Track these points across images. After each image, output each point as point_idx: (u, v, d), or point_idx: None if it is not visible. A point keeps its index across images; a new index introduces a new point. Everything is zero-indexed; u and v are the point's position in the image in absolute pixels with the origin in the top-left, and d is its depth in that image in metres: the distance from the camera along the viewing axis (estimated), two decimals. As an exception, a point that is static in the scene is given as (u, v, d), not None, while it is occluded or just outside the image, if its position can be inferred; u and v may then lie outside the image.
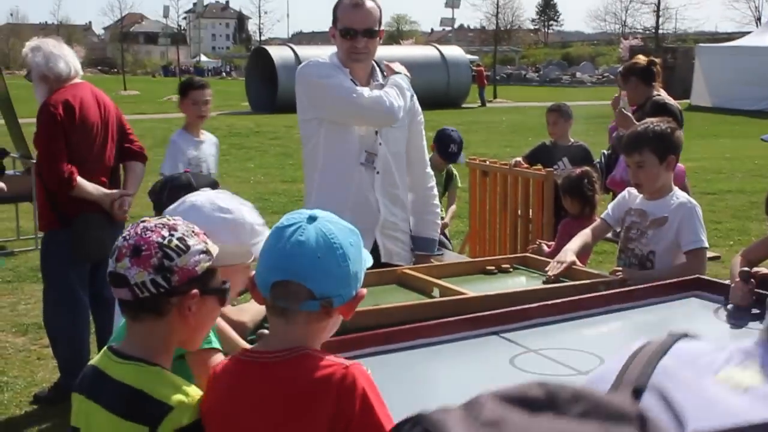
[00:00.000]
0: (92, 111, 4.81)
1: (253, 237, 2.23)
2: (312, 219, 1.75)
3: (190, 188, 2.68)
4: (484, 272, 3.63)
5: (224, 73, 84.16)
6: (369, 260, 1.87)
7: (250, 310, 2.56)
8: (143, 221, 1.83)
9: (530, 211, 6.25)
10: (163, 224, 1.81)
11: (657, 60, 6.00)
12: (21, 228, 9.10)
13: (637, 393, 1.08)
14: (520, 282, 3.53)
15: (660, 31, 47.53)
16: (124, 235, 1.82)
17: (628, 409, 0.88)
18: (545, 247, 4.54)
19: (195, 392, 1.78)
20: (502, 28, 48.90)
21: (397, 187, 3.86)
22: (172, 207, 2.30)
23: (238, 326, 2.40)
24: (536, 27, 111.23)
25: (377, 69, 3.86)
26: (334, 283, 1.72)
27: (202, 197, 2.29)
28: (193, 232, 1.83)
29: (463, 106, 31.90)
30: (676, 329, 1.21)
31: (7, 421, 4.71)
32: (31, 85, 4.97)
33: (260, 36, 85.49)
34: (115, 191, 4.88)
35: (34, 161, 8.68)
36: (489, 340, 2.68)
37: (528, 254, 4.00)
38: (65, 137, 4.65)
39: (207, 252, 1.83)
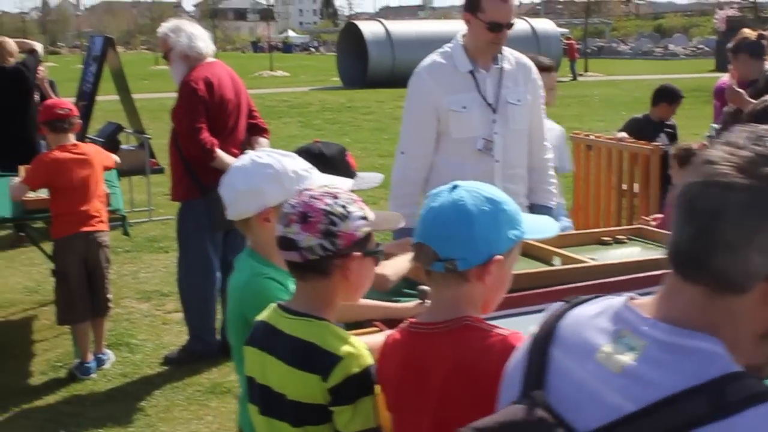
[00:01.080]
0: (227, 88, 5.10)
1: (300, 182, 2.29)
2: (453, 187, 1.87)
3: (321, 157, 2.81)
4: (600, 243, 3.74)
5: (312, 49, 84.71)
6: (546, 231, 1.99)
7: (393, 265, 2.72)
8: (307, 190, 2.01)
9: (635, 185, 6.30)
10: (326, 192, 1.98)
11: (766, 33, 5.96)
12: (134, 200, 9.50)
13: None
14: (637, 252, 3.63)
15: (759, 0, 45.93)
16: (290, 202, 1.98)
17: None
18: (652, 223, 4.61)
19: (360, 343, 1.96)
20: (592, 0, 47.93)
21: (517, 166, 3.94)
22: (223, 178, 2.43)
23: (380, 278, 2.56)
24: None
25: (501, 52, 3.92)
26: (455, 245, 1.80)
27: (244, 158, 2.42)
28: (352, 199, 2.01)
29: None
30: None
31: (140, 379, 5.04)
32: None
33: (350, 10, 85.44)
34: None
35: (148, 136, 9.10)
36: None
37: (642, 226, 4.09)
38: (206, 111, 4.94)
39: (365, 217, 2.00)
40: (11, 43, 8.01)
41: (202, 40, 5.12)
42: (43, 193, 5.20)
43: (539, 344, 1.37)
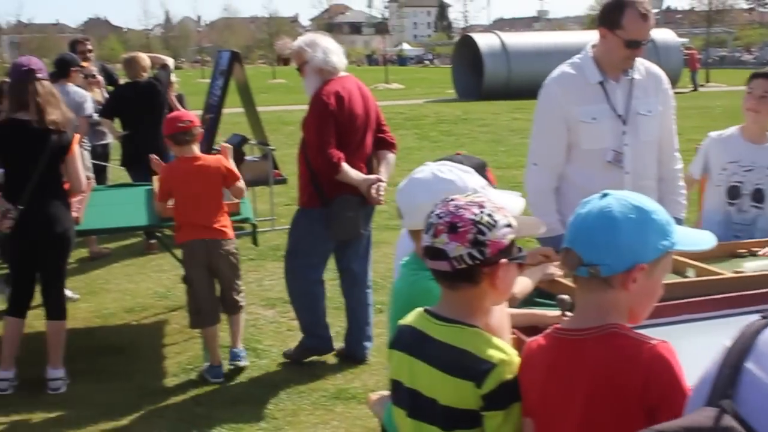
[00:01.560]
0: (357, 102, 5.18)
1: None
2: (603, 195, 1.91)
3: (463, 166, 2.85)
4: (735, 255, 3.66)
5: (427, 61, 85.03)
6: (702, 243, 1.99)
7: (519, 283, 2.74)
8: (452, 199, 2.05)
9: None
10: (472, 202, 2.02)
11: None
12: (258, 210, 9.73)
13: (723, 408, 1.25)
14: (772, 265, 3.53)
15: None
16: (437, 212, 2.02)
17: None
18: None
19: (512, 350, 1.99)
20: (713, 9, 46.62)
21: (646, 177, 3.90)
22: (402, 184, 2.50)
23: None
24: (751, 6, 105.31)
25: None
26: (598, 251, 1.84)
27: (425, 171, 2.46)
28: (497, 207, 2.03)
29: (675, 90, 30.80)
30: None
31: (267, 383, 5.18)
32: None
33: (465, 23, 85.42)
34: (372, 176, 5.22)
35: (272, 148, 9.33)
36: (751, 320, 2.74)
37: (779, 239, 3.98)
38: (335, 125, 5.04)
39: (510, 225, 2.03)
40: (145, 59, 8.39)
41: (336, 54, 5.21)
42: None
43: (733, 357, 1.37)
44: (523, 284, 2.77)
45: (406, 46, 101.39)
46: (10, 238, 4.95)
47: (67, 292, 6.61)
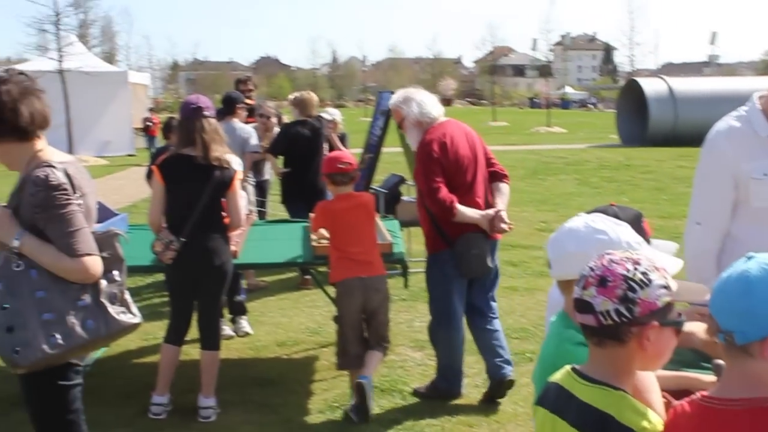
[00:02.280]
0: (461, 143, 5.33)
1: None
2: (747, 258, 1.81)
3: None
4: None
5: (590, 105, 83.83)
6: None
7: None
8: (608, 254, 1.97)
9: None
10: (627, 257, 1.93)
11: None
12: (412, 251, 9.77)
13: None
14: None
15: None
16: (590, 265, 1.96)
17: None
18: None
19: (657, 419, 1.88)
20: None
21: None
22: (553, 234, 2.43)
23: (686, 336, 2.47)
24: None
25: None
26: (733, 317, 1.76)
27: (578, 221, 2.39)
28: (654, 267, 1.93)
29: None
30: None
31: (411, 425, 5.14)
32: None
33: (632, 67, 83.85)
34: (490, 211, 5.31)
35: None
36: None
37: None
38: (442, 171, 5.17)
39: (667, 287, 1.92)
40: (315, 98, 8.72)
41: (431, 104, 5.44)
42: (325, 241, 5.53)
43: None
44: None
45: (569, 90, 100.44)
46: (171, 268, 5.13)
47: (226, 329, 6.83)
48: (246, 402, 5.53)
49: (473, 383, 5.69)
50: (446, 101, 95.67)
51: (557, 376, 2.05)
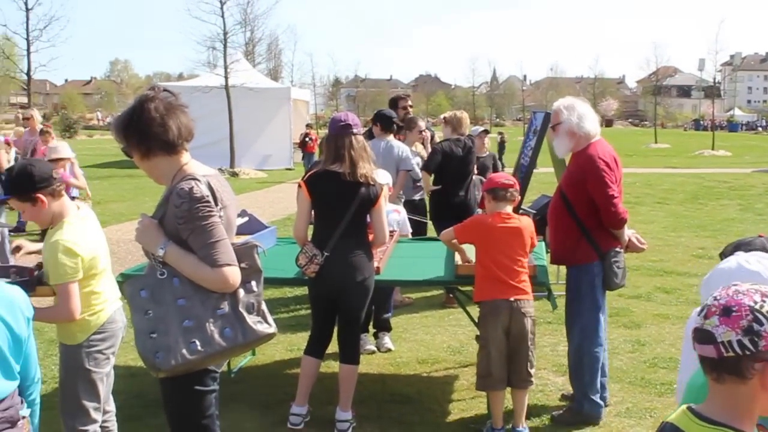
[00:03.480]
0: (617, 165, 5.44)
1: None
2: None
3: (765, 251, 2.64)
4: None
5: (760, 128, 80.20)
6: None
7: None
8: (735, 285, 1.87)
9: None
10: (756, 289, 1.83)
11: None
12: (560, 273, 9.59)
13: None
14: None
15: None
16: (714, 295, 1.87)
17: None
18: None
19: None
20: None
21: None
22: (707, 275, 2.34)
23: None
24: None
25: None
26: None
27: (732, 261, 2.33)
28: None
29: None
30: None
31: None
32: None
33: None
34: (630, 230, 5.53)
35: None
36: None
37: None
38: (614, 184, 5.30)
39: None
40: (467, 117, 8.76)
41: (590, 120, 5.47)
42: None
43: None
44: None
45: (738, 112, 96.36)
46: (314, 282, 5.23)
47: (369, 345, 6.90)
48: (383, 418, 5.56)
49: (614, 411, 5.52)
50: (607, 122, 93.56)
51: (672, 416, 1.96)
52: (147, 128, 3.20)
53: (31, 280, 4.23)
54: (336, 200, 5.13)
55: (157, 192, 3.36)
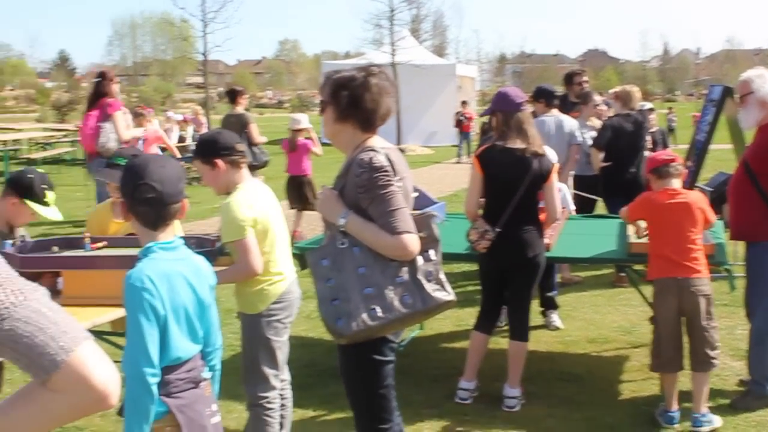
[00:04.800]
0: None
1: None
2: None
3: None
4: None
5: None
6: None
7: None
8: None
9: None
10: None
11: None
12: (738, 254, 9.19)
13: None
14: None
15: None
16: None
17: None
18: None
19: None
20: None
21: None
22: None
23: None
24: None
25: None
26: None
27: None
28: None
29: None
30: None
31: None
32: None
33: None
34: None
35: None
36: None
37: None
38: None
39: None
40: (638, 92, 8.50)
41: None
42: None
43: None
44: None
45: None
46: (484, 258, 5.23)
47: (556, 321, 6.89)
48: (551, 396, 5.51)
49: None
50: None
51: None
52: (360, 99, 3.28)
53: (213, 251, 4.41)
54: (508, 176, 5.11)
55: (330, 168, 3.45)
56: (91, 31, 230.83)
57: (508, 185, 5.10)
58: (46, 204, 4.41)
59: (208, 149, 4.07)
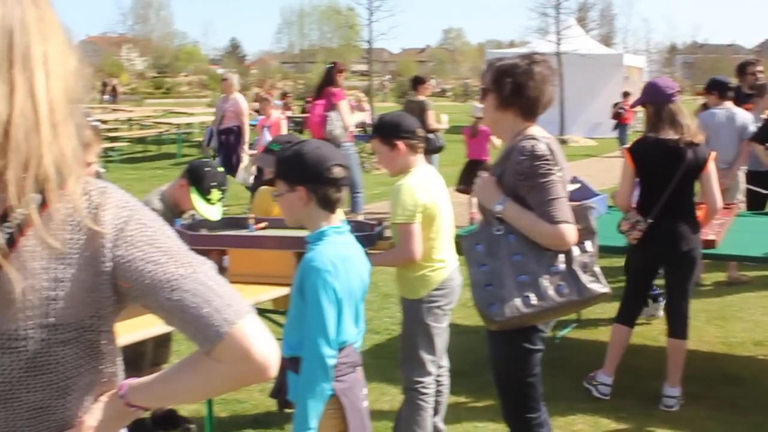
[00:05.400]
0: None
1: None
2: None
3: None
4: None
5: None
6: None
7: None
8: None
9: None
10: None
11: None
12: None
13: None
14: None
15: None
16: None
17: None
18: None
19: None
20: None
21: None
22: None
23: None
24: None
25: None
26: None
27: None
28: None
29: None
30: None
31: None
32: None
33: None
34: None
35: None
36: None
37: None
38: None
39: None
40: None
41: None
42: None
43: None
44: None
45: None
46: (635, 249, 5.11)
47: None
48: (712, 398, 5.31)
49: None
50: None
51: None
52: (523, 86, 3.28)
53: (372, 235, 4.49)
54: (661, 167, 4.97)
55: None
56: (262, 19, 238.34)
57: (661, 177, 4.96)
58: (209, 201, 4.58)
59: (391, 130, 4.10)
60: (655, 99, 5.07)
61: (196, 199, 4.53)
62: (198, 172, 4.57)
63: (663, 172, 4.96)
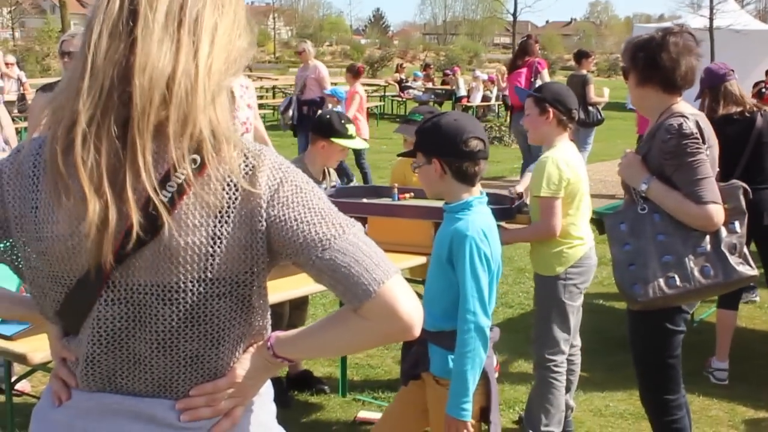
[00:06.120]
0: None
1: None
2: None
3: None
4: None
5: None
6: None
7: None
8: None
9: None
10: None
11: None
12: None
13: None
14: None
15: None
16: None
17: None
18: None
19: None
20: None
21: None
22: None
23: None
24: None
25: None
26: None
27: None
28: None
29: None
30: None
31: None
32: None
33: None
34: None
35: None
36: None
37: None
38: None
39: None
40: None
41: None
42: None
43: None
44: None
45: None
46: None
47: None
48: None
49: None
50: None
51: None
52: (656, 58, 3.23)
53: (511, 209, 4.49)
54: (730, 139, 4.80)
55: (628, 134, 3.42)
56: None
57: (732, 148, 4.73)
58: (350, 137, 4.70)
59: (550, 96, 4.05)
60: (711, 83, 5.04)
61: (340, 143, 4.66)
62: (324, 122, 4.71)
63: (734, 145, 4.76)
